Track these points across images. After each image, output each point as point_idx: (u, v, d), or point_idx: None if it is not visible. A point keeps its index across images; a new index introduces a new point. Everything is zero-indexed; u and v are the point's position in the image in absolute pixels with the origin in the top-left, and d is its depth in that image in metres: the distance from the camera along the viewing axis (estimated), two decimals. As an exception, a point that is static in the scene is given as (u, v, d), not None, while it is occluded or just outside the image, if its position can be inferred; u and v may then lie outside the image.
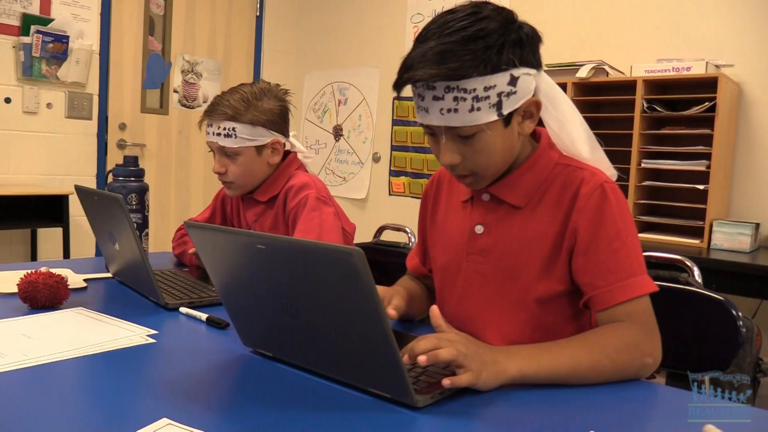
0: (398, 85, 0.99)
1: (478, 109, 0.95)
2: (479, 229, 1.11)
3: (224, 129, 1.57)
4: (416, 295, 1.27)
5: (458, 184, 1.19)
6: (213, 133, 1.59)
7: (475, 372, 0.83)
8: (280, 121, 1.64)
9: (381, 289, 1.12)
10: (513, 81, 0.96)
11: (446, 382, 0.81)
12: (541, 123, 1.10)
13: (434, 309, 0.92)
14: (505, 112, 0.97)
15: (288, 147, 1.70)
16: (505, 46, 0.95)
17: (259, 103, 1.59)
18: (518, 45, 0.97)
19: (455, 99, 0.94)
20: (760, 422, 0.79)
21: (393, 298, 1.16)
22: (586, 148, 1.08)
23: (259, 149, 1.61)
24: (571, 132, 1.08)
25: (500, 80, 0.95)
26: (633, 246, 1.01)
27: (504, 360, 0.87)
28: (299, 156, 1.73)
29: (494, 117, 0.96)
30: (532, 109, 1.03)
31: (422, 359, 0.81)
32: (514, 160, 1.08)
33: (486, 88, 0.94)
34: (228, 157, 1.60)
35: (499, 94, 0.95)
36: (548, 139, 1.11)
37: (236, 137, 1.57)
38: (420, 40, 0.98)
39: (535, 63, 1.01)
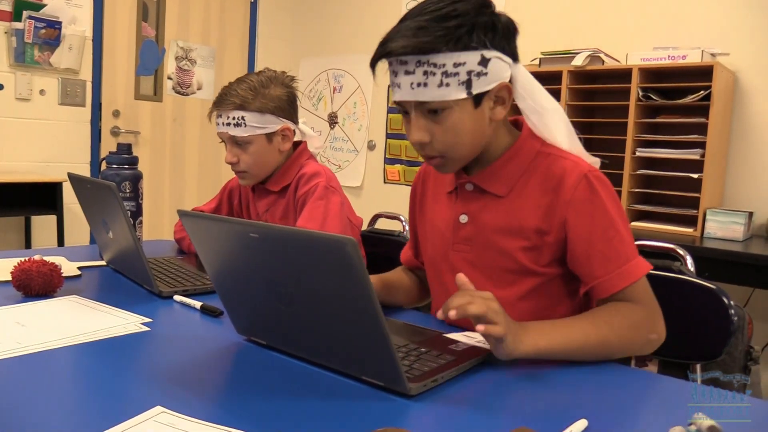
0: (374, 60, 1.03)
1: (447, 84, 0.97)
2: (463, 218, 1.13)
3: (233, 118, 1.57)
4: (398, 284, 1.29)
5: (444, 176, 1.20)
6: (222, 123, 1.60)
7: (504, 329, 0.85)
8: (288, 108, 1.64)
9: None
10: (484, 62, 0.98)
11: (480, 327, 0.83)
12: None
13: (461, 276, 0.93)
14: (475, 91, 0.99)
15: (298, 135, 1.71)
16: (476, 27, 0.97)
17: (267, 90, 1.59)
18: (490, 28, 0.99)
19: (425, 73, 0.97)
20: (759, 412, 0.79)
21: None
22: (565, 140, 1.10)
23: (270, 137, 1.61)
24: (549, 123, 1.09)
25: (470, 59, 0.97)
26: (625, 231, 1.04)
27: (522, 333, 0.89)
28: (309, 146, 1.74)
29: (463, 95, 0.98)
30: (504, 93, 1.04)
31: (452, 314, 0.83)
32: (496, 150, 1.10)
33: (455, 65, 0.96)
34: (239, 146, 1.61)
35: (469, 73, 0.97)
36: (529, 128, 1.12)
37: (246, 126, 1.57)
38: (401, 20, 1.02)
39: (510, 52, 1.02)
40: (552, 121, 1.09)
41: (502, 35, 1.01)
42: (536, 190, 1.07)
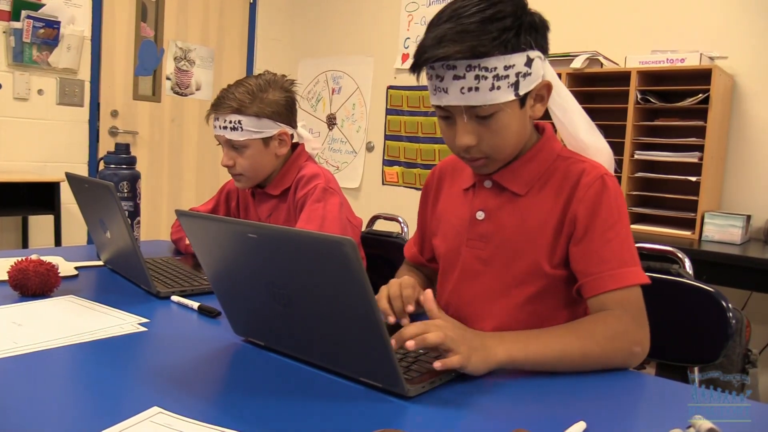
0: (417, 66, 1.00)
1: (498, 88, 0.97)
2: (480, 215, 1.13)
3: (230, 122, 1.57)
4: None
5: (461, 173, 1.21)
6: (220, 127, 1.59)
7: (464, 355, 0.83)
8: (286, 112, 1.64)
9: (408, 280, 1.11)
10: (529, 62, 0.99)
11: (437, 364, 0.82)
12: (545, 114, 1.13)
13: (428, 293, 0.92)
14: (522, 92, 0.99)
15: (296, 138, 1.71)
16: (522, 29, 0.98)
17: (265, 95, 1.59)
18: (533, 28, 1.00)
19: (476, 77, 0.96)
20: (758, 414, 0.79)
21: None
22: (587, 134, 1.12)
23: (266, 141, 1.61)
24: (573, 119, 1.12)
25: (518, 60, 0.97)
26: (626, 238, 1.03)
27: (493, 344, 0.88)
28: (307, 148, 1.73)
29: (512, 97, 0.98)
30: (544, 92, 1.05)
31: (410, 344, 0.82)
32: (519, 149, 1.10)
33: (506, 68, 0.96)
34: (236, 149, 1.60)
35: (517, 75, 0.98)
36: (551, 132, 1.14)
37: (242, 130, 1.57)
38: (433, 25, 1.00)
39: (545, 49, 1.04)
40: (575, 116, 1.12)
41: (541, 34, 1.02)
42: (554, 191, 1.07)
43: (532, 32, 0.99)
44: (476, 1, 0.98)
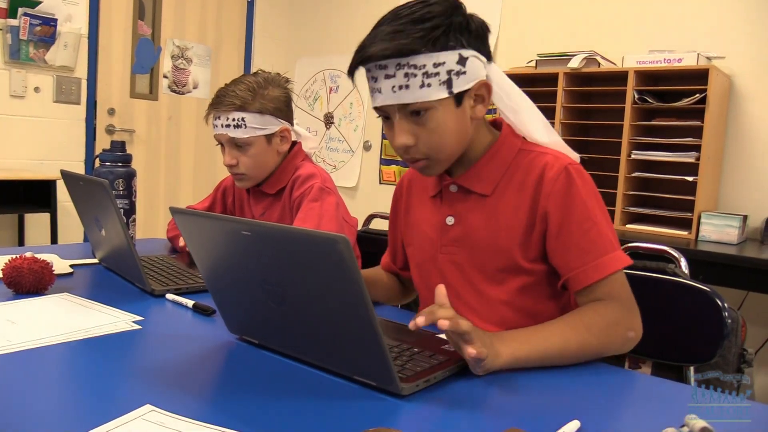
0: (352, 67, 1.04)
1: (429, 85, 0.98)
2: (450, 220, 1.13)
3: (233, 120, 1.55)
4: (377, 280, 1.31)
5: (427, 180, 1.21)
6: (221, 125, 1.57)
7: (486, 350, 0.84)
8: (286, 109, 1.63)
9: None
10: (462, 61, 0.99)
11: (473, 352, 0.82)
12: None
13: (441, 287, 0.90)
14: (455, 90, 1.00)
15: (293, 136, 1.70)
16: (451, 27, 0.99)
17: (265, 91, 1.58)
18: (465, 29, 1.01)
19: (406, 75, 0.98)
20: (755, 414, 0.79)
21: None
22: (543, 135, 1.11)
23: (269, 138, 1.60)
24: (525, 121, 1.11)
25: (449, 58, 0.98)
26: (603, 224, 1.03)
27: (498, 345, 0.88)
28: (304, 147, 1.73)
29: (444, 94, 0.99)
30: (483, 92, 1.05)
31: (444, 324, 0.81)
32: (477, 149, 1.11)
33: (435, 65, 0.98)
34: (238, 148, 1.59)
35: (449, 72, 0.99)
36: (509, 127, 1.13)
37: (246, 127, 1.55)
38: (373, 29, 1.04)
39: (485, 52, 1.05)
40: (528, 117, 1.11)
41: (476, 35, 1.03)
42: (520, 187, 1.07)
43: (464, 32, 1.00)
44: (412, 3, 1.01)
